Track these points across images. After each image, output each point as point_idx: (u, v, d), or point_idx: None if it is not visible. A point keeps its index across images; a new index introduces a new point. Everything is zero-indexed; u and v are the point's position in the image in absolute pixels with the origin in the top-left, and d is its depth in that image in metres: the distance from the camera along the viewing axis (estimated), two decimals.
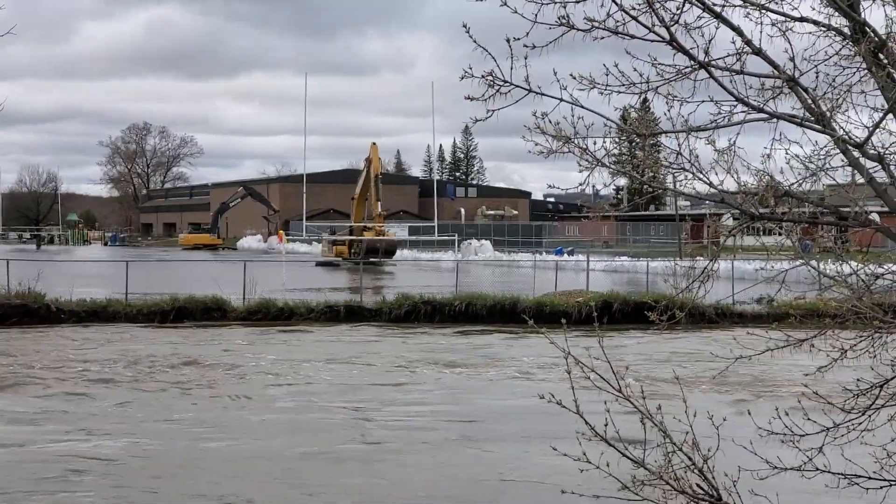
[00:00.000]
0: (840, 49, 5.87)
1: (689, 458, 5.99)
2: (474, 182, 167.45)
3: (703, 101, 5.68)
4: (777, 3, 5.71)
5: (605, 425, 6.00)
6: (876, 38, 5.65)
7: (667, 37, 5.49)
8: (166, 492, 12.71)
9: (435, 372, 22.35)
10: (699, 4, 5.52)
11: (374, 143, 76.86)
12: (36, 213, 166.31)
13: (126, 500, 12.32)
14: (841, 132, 5.77)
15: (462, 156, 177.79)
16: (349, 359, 24.21)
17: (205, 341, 27.64)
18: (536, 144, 5.82)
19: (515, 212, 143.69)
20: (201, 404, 18.46)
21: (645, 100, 6.03)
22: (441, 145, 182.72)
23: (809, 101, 5.72)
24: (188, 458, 14.35)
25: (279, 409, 18.15)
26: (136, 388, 19.92)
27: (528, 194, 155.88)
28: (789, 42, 5.68)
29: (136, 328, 30.40)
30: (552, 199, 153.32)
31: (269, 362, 23.53)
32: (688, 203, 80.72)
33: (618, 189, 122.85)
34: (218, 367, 22.74)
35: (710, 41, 5.55)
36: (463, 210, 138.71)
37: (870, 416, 6.39)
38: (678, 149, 5.82)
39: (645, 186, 6.38)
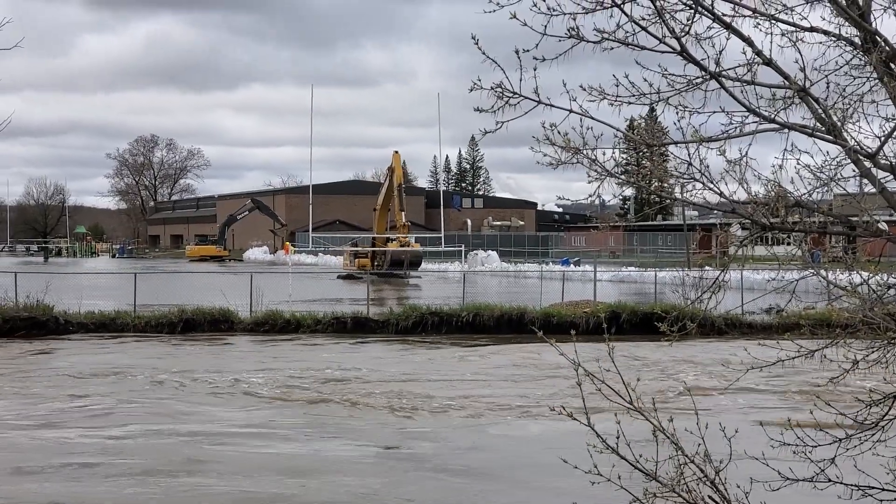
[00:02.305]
0: (851, 59, 5.84)
1: (701, 470, 5.97)
2: (480, 193, 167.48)
3: (715, 112, 5.66)
4: (787, 14, 5.69)
5: (617, 438, 5.98)
6: (887, 48, 5.63)
7: (677, 48, 5.48)
8: None
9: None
10: (709, 15, 5.50)
11: (397, 152, 74.52)
12: (44, 226, 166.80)
13: None
14: (852, 142, 5.75)
15: (468, 166, 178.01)
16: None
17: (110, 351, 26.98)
18: (545, 155, 5.82)
19: (522, 222, 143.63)
20: None
21: (652, 109, 6.01)
22: (447, 156, 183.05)
23: (820, 112, 5.70)
24: None
25: None
26: None
27: (534, 205, 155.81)
28: (800, 52, 5.66)
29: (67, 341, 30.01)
30: (559, 210, 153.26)
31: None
32: (696, 213, 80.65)
33: (625, 199, 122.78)
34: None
35: (720, 52, 5.53)
36: (469, 221, 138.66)
37: (883, 426, 6.35)
38: (689, 159, 5.81)
39: (654, 196, 6.38)
